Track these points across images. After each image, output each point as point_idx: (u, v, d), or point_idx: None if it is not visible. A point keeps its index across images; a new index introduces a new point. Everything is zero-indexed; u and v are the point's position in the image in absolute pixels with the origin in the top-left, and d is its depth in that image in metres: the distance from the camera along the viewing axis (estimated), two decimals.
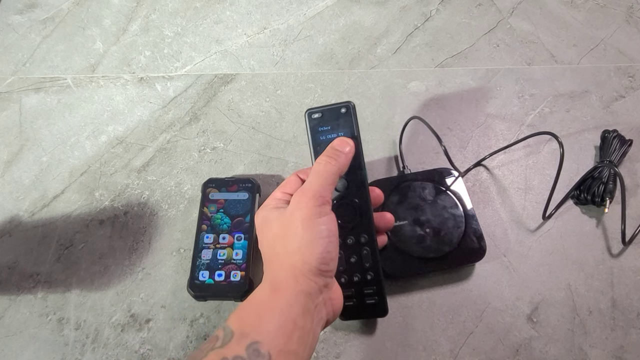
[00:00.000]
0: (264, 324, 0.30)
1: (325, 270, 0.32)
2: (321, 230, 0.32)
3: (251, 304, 0.32)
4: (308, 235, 0.32)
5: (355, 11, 0.64)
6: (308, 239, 0.32)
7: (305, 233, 0.32)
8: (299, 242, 0.32)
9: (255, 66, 0.59)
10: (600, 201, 0.46)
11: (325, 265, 0.32)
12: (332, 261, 0.33)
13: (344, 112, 0.38)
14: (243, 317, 0.31)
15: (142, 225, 0.47)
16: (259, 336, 0.29)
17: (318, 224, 0.32)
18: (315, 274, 0.32)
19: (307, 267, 0.32)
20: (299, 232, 0.32)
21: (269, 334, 0.29)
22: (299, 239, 0.32)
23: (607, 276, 0.44)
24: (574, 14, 0.64)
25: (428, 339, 0.41)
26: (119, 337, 0.42)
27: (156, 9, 0.64)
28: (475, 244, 0.43)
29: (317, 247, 0.32)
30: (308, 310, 0.31)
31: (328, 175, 0.34)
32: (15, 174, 0.51)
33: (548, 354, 0.41)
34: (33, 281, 0.44)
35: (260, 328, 0.29)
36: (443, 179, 0.47)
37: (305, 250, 0.32)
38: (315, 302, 0.32)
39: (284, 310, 0.30)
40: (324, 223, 0.33)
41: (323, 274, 0.32)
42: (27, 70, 0.59)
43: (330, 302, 0.34)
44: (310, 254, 0.32)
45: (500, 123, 0.54)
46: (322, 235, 0.32)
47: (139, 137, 0.53)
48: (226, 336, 0.29)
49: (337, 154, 0.35)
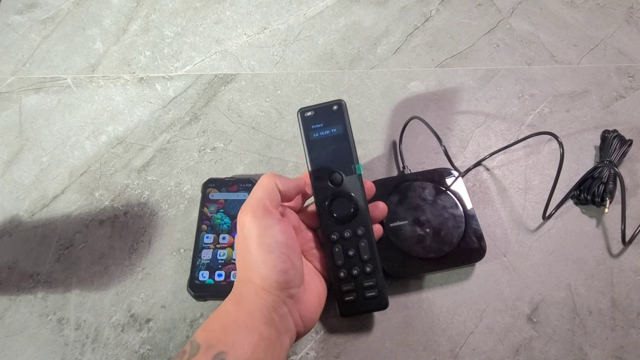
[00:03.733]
0: (230, 335, 0.30)
1: (284, 280, 0.32)
2: (270, 244, 0.32)
3: (217, 317, 0.32)
4: (259, 252, 0.32)
5: (355, 11, 0.64)
6: (260, 256, 0.32)
7: (256, 250, 0.33)
8: (253, 259, 0.33)
9: (255, 66, 0.59)
10: (600, 201, 0.46)
11: (284, 276, 0.32)
12: (289, 270, 0.33)
13: (336, 110, 0.39)
14: (209, 329, 0.31)
15: (142, 225, 0.47)
16: (224, 347, 0.29)
17: (267, 237, 0.33)
18: (275, 287, 0.32)
19: (266, 282, 0.32)
20: (252, 250, 0.33)
21: (235, 344, 0.29)
22: (253, 257, 0.33)
23: (607, 276, 0.44)
24: (574, 14, 0.64)
25: (428, 339, 0.41)
26: (119, 337, 0.42)
27: (156, 9, 0.64)
28: (475, 244, 0.43)
29: (269, 261, 0.32)
30: (272, 321, 0.32)
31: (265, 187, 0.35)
32: (15, 174, 0.51)
33: (548, 354, 0.41)
34: (33, 281, 0.44)
35: (225, 339, 0.30)
36: (443, 179, 0.47)
37: (259, 266, 0.32)
38: (280, 314, 0.32)
39: (248, 322, 0.31)
40: (272, 236, 0.33)
41: (284, 287, 0.33)
42: (27, 70, 0.59)
43: (299, 312, 0.34)
44: (264, 269, 0.32)
45: (500, 123, 0.54)
46: (272, 248, 0.32)
47: (139, 137, 0.53)
48: (192, 349, 0.29)
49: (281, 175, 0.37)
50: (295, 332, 0.34)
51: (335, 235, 0.38)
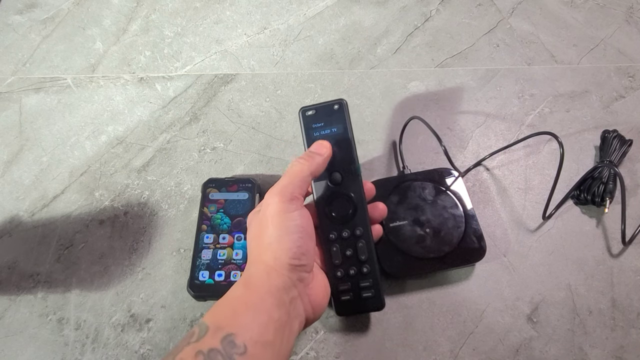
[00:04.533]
0: (239, 317, 0.30)
1: (297, 265, 0.33)
2: (289, 226, 0.33)
3: (225, 301, 0.32)
4: (277, 232, 0.33)
5: (355, 11, 0.64)
6: (277, 235, 0.33)
7: (275, 229, 0.33)
8: (269, 238, 0.33)
9: (255, 66, 0.59)
10: (600, 201, 0.46)
11: (297, 260, 0.33)
12: (303, 256, 0.33)
13: (337, 109, 0.39)
14: (217, 312, 0.31)
15: (142, 225, 0.47)
16: (233, 329, 0.29)
17: (286, 219, 0.33)
18: (287, 268, 0.33)
19: (279, 263, 0.33)
20: (269, 229, 0.33)
21: (244, 326, 0.29)
22: (269, 235, 0.33)
23: (607, 276, 0.44)
24: (574, 14, 0.64)
25: (428, 339, 0.41)
26: (119, 337, 0.42)
27: (156, 9, 0.64)
28: (475, 244, 0.43)
29: (286, 242, 0.33)
30: (282, 304, 0.32)
31: (297, 174, 0.35)
32: (15, 174, 0.51)
33: (548, 354, 0.41)
34: (33, 281, 0.44)
35: (234, 321, 0.30)
36: (443, 179, 0.47)
37: (276, 246, 0.33)
38: (290, 296, 0.32)
39: (257, 304, 0.31)
40: (293, 219, 0.34)
41: (295, 269, 0.33)
42: (27, 70, 0.59)
43: (308, 297, 0.34)
44: (279, 249, 0.33)
45: (500, 123, 0.54)
46: (291, 230, 0.33)
47: (139, 137, 0.53)
48: (201, 331, 0.29)
49: (312, 156, 0.36)
50: (305, 317, 0.34)
51: (334, 235, 0.38)
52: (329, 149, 0.37)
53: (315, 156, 0.36)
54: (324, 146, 0.37)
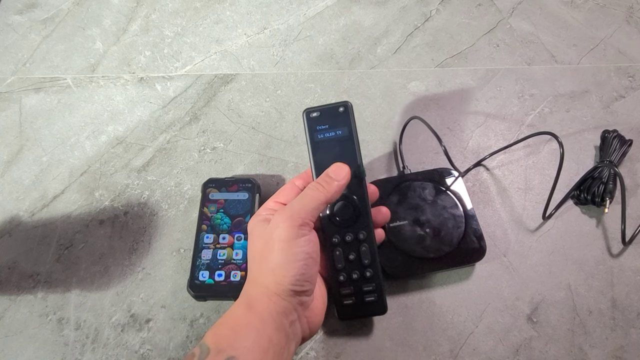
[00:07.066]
0: (240, 339, 0.30)
1: (300, 291, 0.33)
2: (296, 252, 0.32)
3: (227, 321, 0.32)
4: (283, 258, 0.32)
5: (355, 11, 0.64)
6: (282, 262, 0.32)
7: (281, 255, 0.32)
8: (273, 263, 0.32)
9: (255, 66, 0.59)
10: (600, 201, 0.46)
11: (299, 287, 0.32)
12: (306, 282, 0.33)
13: (342, 111, 0.38)
14: (219, 333, 0.31)
15: (142, 225, 0.47)
16: (234, 352, 0.29)
17: (294, 246, 0.33)
18: (289, 294, 0.32)
19: (281, 288, 0.32)
20: (275, 253, 0.33)
21: (245, 349, 0.29)
22: (274, 260, 0.33)
23: (607, 276, 0.44)
24: (574, 14, 0.64)
25: (428, 339, 0.41)
26: (119, 337, 0.42)
27: (156, 9, 0.64)
28: (475, 244, 0.43)
29: (290, 270, 0.32)
30: (282, 328, 0.32)
31: (312, 200, 0.34)
32: (15, 174, 0.51)
33: (548, 354, 0.41)
34: (33, 281, 0.44)
35: (236, 344, 0.30)
36: (443, 179, 0.47)
37: (279, 272, 0.32)
38: (290, 320, 0.32)
39: (259, 327, 0.31)
40: (300, 245, 0.33)
41: (297, 295, 0.33)
42: (27, 70, 0.59)
43: (306, 319, 0.34)
44: (283, 276, 0.32)
45: (500, 123, 0.54)
46: (298, 258, 0.32)
47: (139, 137, 0.53)
48: (202, 353, 0.29)
49: (329, 182, 0.35)
50: (301, 337, 0.34)
51: (337, 239, 0.38)
52: (348, 175, 0.36)
53: (333, 182, 0.35)
54: (344, 170, 0.36)
